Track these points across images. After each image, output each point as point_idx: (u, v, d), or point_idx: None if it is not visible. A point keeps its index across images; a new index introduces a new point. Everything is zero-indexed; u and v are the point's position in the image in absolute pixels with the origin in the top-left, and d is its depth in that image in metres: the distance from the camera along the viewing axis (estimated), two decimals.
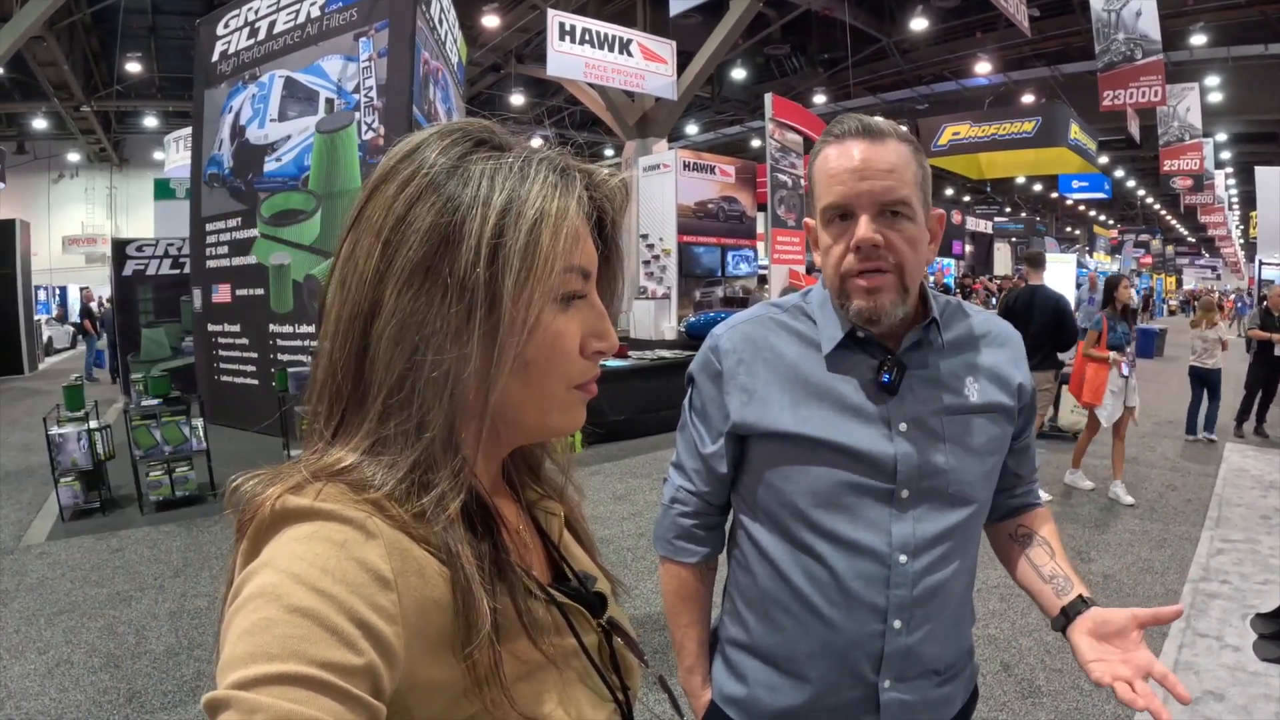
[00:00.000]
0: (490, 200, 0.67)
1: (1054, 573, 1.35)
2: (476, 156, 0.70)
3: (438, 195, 0.67)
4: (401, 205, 0.68)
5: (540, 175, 0.70)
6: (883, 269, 1.23)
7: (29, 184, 27.87)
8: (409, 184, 0.68)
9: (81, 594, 4.77)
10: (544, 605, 0.75)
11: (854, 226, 1.23)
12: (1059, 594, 1.32)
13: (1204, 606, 4.48)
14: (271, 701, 0.51)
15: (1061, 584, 1.32)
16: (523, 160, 0.70)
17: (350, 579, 0.58)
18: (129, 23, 20.55)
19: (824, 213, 1.27)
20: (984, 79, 22.19)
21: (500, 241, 0.67)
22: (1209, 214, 27.48)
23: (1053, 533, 1.45)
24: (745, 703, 1.40)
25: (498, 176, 0.68)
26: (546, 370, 0.72)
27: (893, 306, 1.25)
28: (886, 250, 1.23)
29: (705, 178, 13.43)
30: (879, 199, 1.22)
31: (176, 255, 12.05)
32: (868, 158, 1.22)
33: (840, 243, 1.25)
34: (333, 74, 9.06)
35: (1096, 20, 13.22)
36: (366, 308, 0.68)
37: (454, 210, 0.67)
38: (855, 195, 1.22)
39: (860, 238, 1.21)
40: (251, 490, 0.66)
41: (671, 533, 1.48)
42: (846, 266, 1.25)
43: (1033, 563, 1.40)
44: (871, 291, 1.23)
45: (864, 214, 1.22)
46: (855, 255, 1.23)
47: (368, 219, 0.70)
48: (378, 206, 0.69)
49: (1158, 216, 48.19)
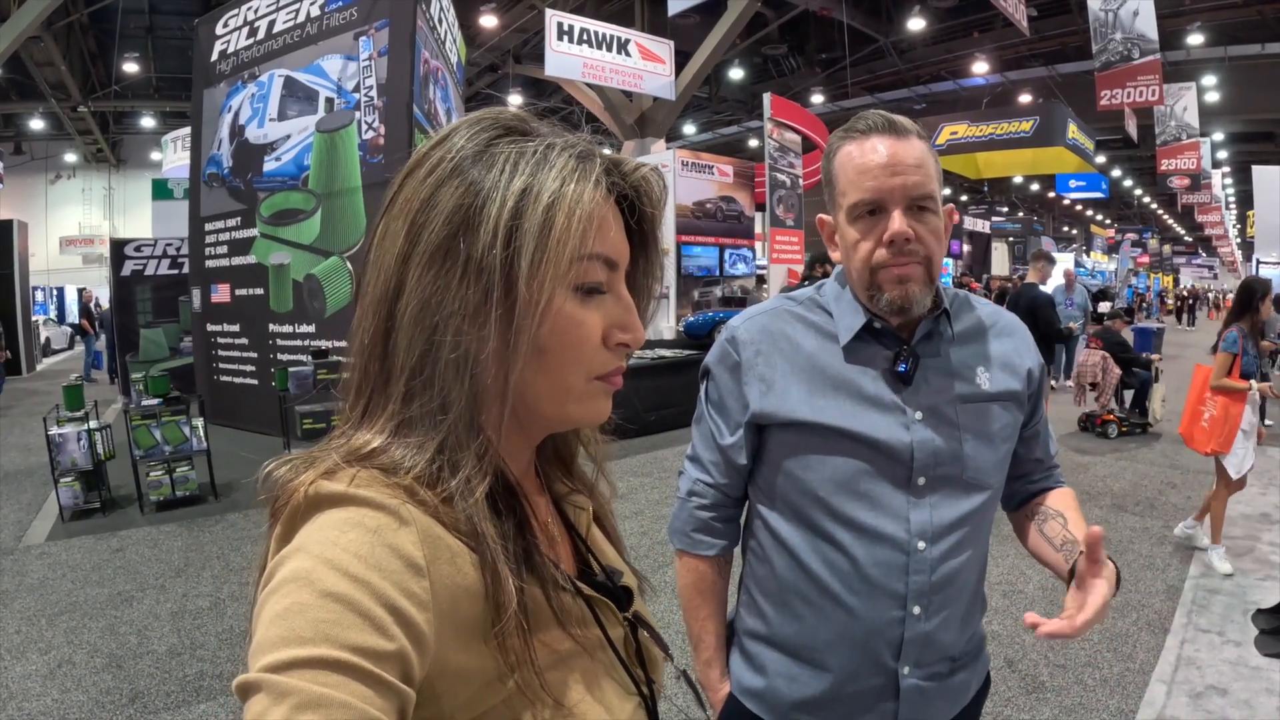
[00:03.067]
0: (510, 183, 0.68)
1: (1065, 540, 1.35)
2: (503, 142, 0.70)
3: (462, 178, 0.68)
4: (429, 189, 0.69)
5: (560, 160, 0.70)
6: (914, 260, 1.25)
7: (26, 184, 27.85)
8: (437, 168, 0.69)
9: (82, 594, 4.76)
10: (571, 597, 0.75)
11: (885, 221, 1.25)
12: (1068, 559, 1.31)
13: (1205, 602, 4.48)
14: (303, 685, 0.51)
15: (1070, 550, 1.32)
16: (545, 146, 0.71)
17: (383, 565, 0.58)
18: (127, 23, 20.53)
19: (852, 209, 1.28)
20: (981, 79, 22.23)
21: (517, 224, 0.67)
22: (1206, 213, 27.52)
23: (1068, 504, 1.43)
24: (764, 694, 1.40)
25: (521, 161, 0.69)
26: (562, 358, 0.72)
27: (922, 295, 1.27)
28: (917, 243, 1.25)
29: (703, 177, 13.46)
30: (910, 193, 1.24)
31: (175, 255, 12.06)
32: (896, 153, 1.24)
33: (870, 238, 1.27)
34: (332, 73, 9.05)
35: (1094, 20, 13.25)
36: (392, 289, 0.69)
37: (476, 193, 0.68)
38: (889, 190, 1.24)
39: (895, 232, 1.23)
40: (285, 476, 0.66)
41: (689, 526, 1.48)
42: (878, 260, 1.26)
43: (1046, 536, 1.40)
44: (903, 280, 1.25)
45: (896, 208, 1.24)
46: (888, 249, 1.25)
47: (399, 203, 0.71)
48: (408, 191, 0.70)
49: (1155, 216, 48.28)
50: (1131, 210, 47.30)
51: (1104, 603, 1.07)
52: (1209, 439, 4.96)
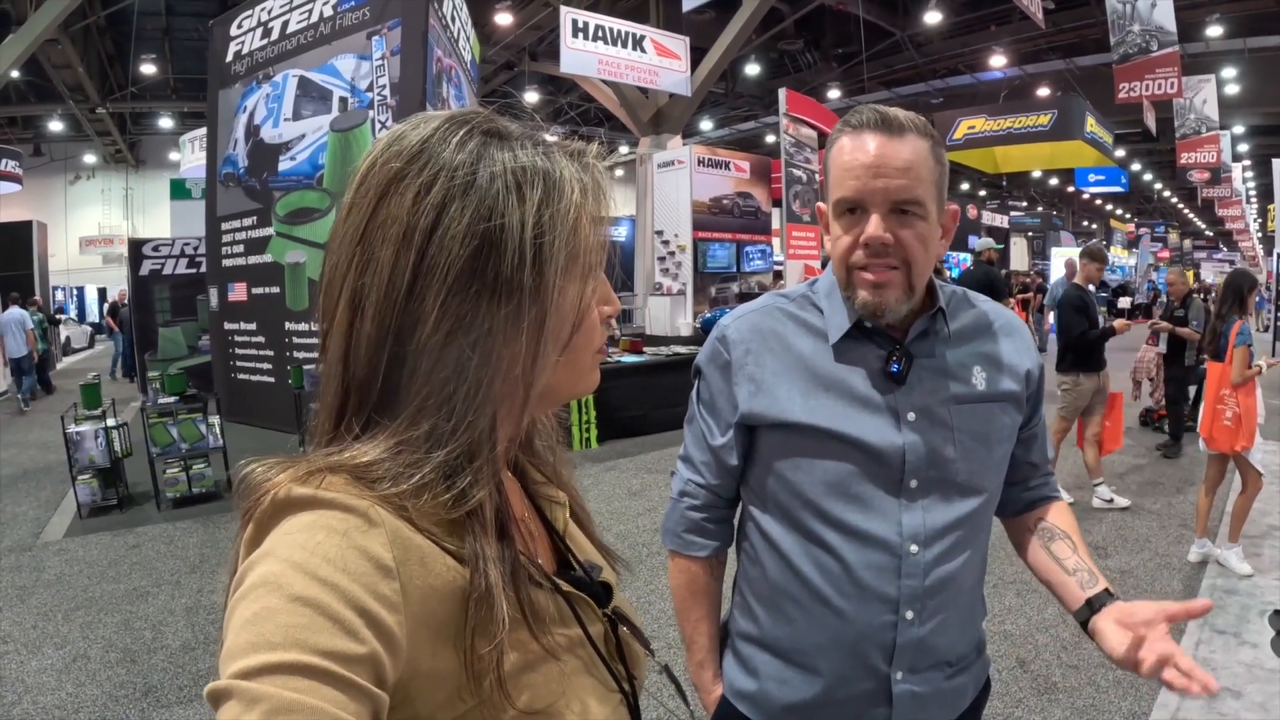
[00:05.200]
0: (526, 199, 0.67)
1: (1078, 566, 1.33)
2: (493, 152, 0.69)
3: (467, 199, 0.66)
4: (429, 213, 0.66)
5: (566, 170, 0.71)
6: (891, 265, 1.22)
7: (46, 185, 28.04)
8: (430, 189, 0.66)
9: (99, 590, 4.81)
10: (549, 595, 0.75)
11: (864, 221, 1.22)
12: (1083, 587, 1.29)
13: (1222, 603, 4.44)
14: (273, 691, 0.51)
15: (1085, 577, 1.30)
16: (542, 154, 0.71)
17: (352, 567, 0.58)
18: (143, 25, 20.63)
19: (837, 205, 1.26)
20: (999, 72, 22.03)
21: (542, 241, 0.67)
22: (1226, 207, 27.18)
23: (1073, 527, 1.42)
24: (756, 697, 1.39)
25: (526, 173, 0.69)
26: (584, 348, 0.76)
27: (897, 303, 1.24)
28: (896, 248, 1.22)
29: (720, 174, 13.40)
30: (891, 197, 1.20)
31: (193, 255, 12.14)
32: (883, 154, 1.21)
33: (849, 235, 1.25)
34: (346, 73, 9.09)
35: (1111, 12, 13.10)
36: (395, 319, 0.66)
37: (489, 213, 0.66)
38: (869, 192, 1.21)
39: (869, 236, 1.21)
40: (260, 477, 0.65)
41: (681, 526, 1.47)
42: (854, 260, 1.25)
43: (1055, 556, 1.38)
44: (878, 286, 1.23)
45: (875, 211, 1.21)
46: (864, 251, 1.23)
47: (382, 228, 0.67)
48: (394, 215, 0.67)
49: (1175, 210, 47.81)
50: (1151, 204, 46.83)
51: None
52: (1235, 437, 4.82)
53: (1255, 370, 4.89)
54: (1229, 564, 4.89)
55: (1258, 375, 4.91)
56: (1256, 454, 4.87)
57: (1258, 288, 5.47)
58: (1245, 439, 4.81)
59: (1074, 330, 6.28)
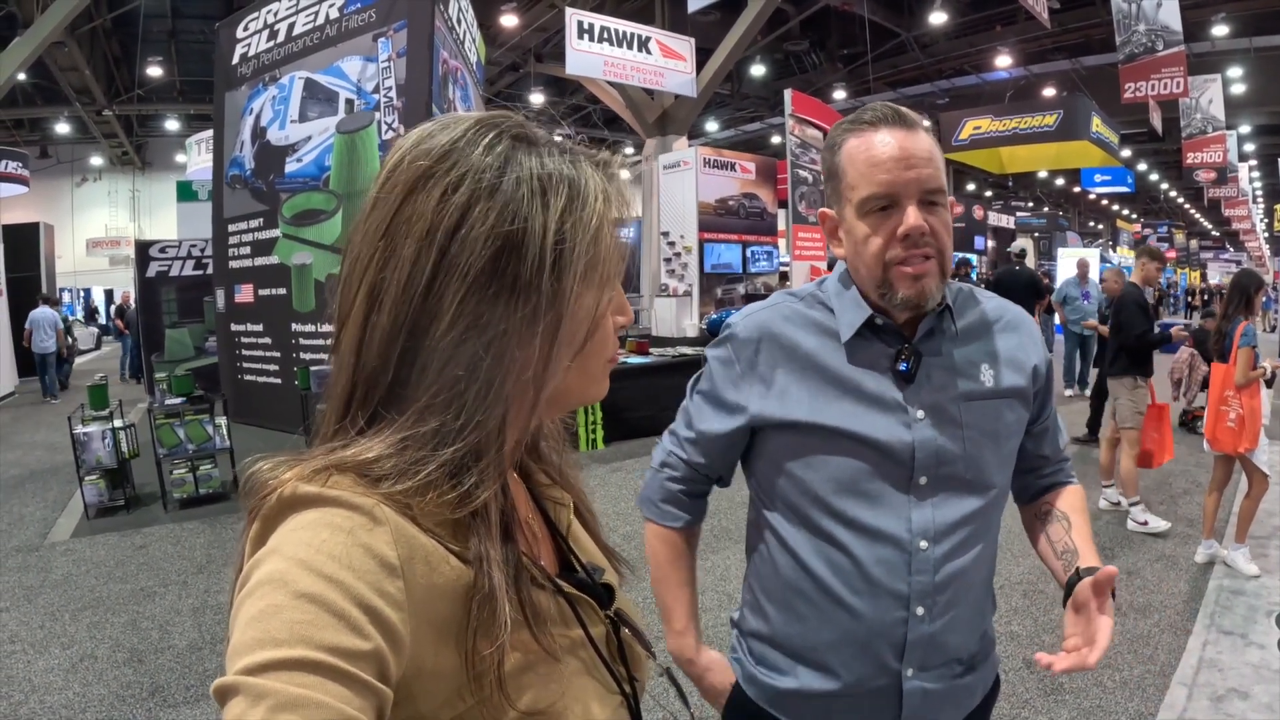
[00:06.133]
0: (550, 205, 0.68)
1: (1066, 548, 1.34)
2: (521, 157, 0.70)
3: (492, 201, 0.67)
4: (455, 211, 0.67)
5: (591, 178, 0.72)
6: (927, 255, 1.23)
7: (52, 187, 28.10)
8: (457, 189, 0.67)
9: (106, 590, 4.82)
10: (551, 596, 0.75)
11: (898, 215, 1.22)
12: (1067, 569, 1.30)
13: (1228, 604, 4.42)
14: (279, 686, 0.52)
15: (1070, 559, 1.31)
16: (569, 161, 0.71)
17: (357, 565, 0.59)
18: (149, 27, 20.70)
19: (864, 203, 1.24)
20: (1004, 72, 22.01)
21: (563, 247, 0.68)
22: (1233, 207, 27.13)
23: (1075, 507, 1.42)
24: (767, 689, 1.40)
25: (551, 179, 0.69)
26: (596, 355, 0.76)
27: (936, 290, 1.25)
28: (931, 237, 1.23)
29: (725, 175, 13.37)
30: (924, 186, 1.22)
31: (199, 256, 12.15)
32: (908, 146, 1.22)
33: (881, 233, 1.24)
34: (352, 74, 9.10)
35: (1117, 12, 13.07)
36: (411, 314, 0.67)
37: (512, 217, 0.67)
38: (903, 184, 1.21)
39: (911, 226, 1.21)
40: (265, 475, 0.66)
41: (658, 495, 1.50)
42: (891, 255, 1.24)
43: (1050, 539, 1.39)
44: (918, 278, 1.23)
45: (910, 203, 1.21)
46: (903, 244, 1.22)
47: (407, 224, 0.67)
48: (420, 212, 0.67)
49: (1181, 210, 47.67)
50: (1158, 205, 46.71)
51: (1110, 638, 1.09)
52: (1239, 439, 4.80)
53: (1260, 372, 4.85)
54: (1236, 565, 4.89)
55: (1263, 378, 4.88)
56: (1262, 455, 4.86)
57: (1264, 288, 5.40)
58: (1249, 441, 4.79)
59: (1135, 329, 5.84)
